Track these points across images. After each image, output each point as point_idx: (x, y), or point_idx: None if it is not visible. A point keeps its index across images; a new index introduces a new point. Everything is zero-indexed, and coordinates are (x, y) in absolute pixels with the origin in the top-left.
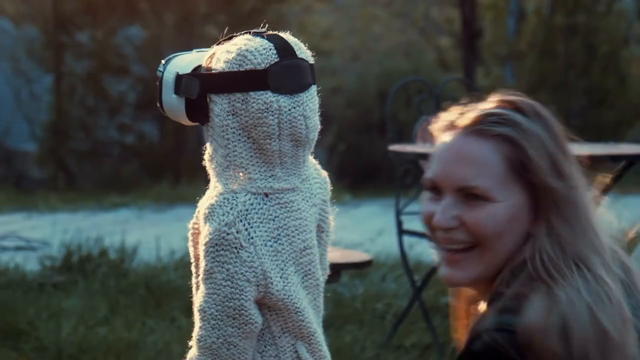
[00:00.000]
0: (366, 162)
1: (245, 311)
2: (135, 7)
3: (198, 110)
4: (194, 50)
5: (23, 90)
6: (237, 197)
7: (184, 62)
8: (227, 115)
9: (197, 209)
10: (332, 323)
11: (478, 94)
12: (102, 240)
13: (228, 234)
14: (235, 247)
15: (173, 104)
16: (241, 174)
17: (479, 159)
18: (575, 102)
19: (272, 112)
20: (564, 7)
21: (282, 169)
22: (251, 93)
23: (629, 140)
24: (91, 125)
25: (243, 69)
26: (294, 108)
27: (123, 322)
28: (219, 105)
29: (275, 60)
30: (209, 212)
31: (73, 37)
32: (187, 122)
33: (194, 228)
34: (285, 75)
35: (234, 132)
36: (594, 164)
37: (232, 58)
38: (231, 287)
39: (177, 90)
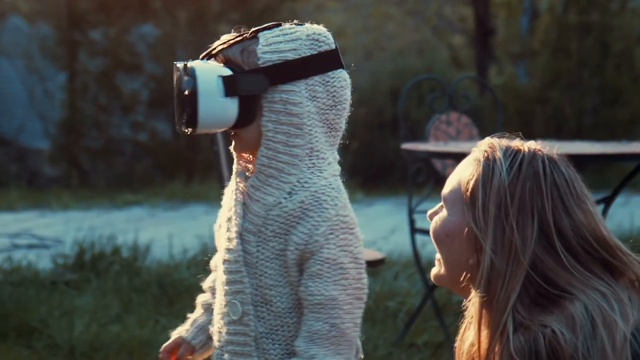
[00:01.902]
0: (379, 160)
1: (366, 289)
2: (149, 5)
3: (252, 108)
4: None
5: (36, 88)
6: (332, 182)
7: (211, 66)
8: (307, 101)
9: (256, 213)
10: None
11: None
12: (114, 238)
13: (345, 217)
14: (352, 228)
15: (217, 110)
16: (320, 159)
17: (457, 171)
18: (588, 101)
19: (349, 88)
20: (577, 5)
21: (335, 152)
22: (329, 73)
23: None
24: (104, 123)
25: (317, 52)
26: (350, 85)
27: (136, 320)
28: (296, 93)
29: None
30: (314, 202)
31: (86, 35)
32: (228, 127)
33: (260, 232)
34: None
35: (312, 117)
36: (607, 162)
37: (302, 44)
38: (356, 269)
39: (232, 91)
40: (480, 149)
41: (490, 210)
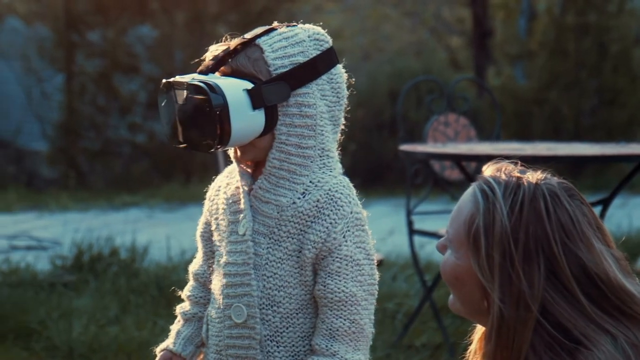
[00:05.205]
0: (377, 161)
1: (377, 285)
2: (146, 6)
3: (273, 116)
4: (192, 75)
5: (34, 89)
6: (343, 180)
7: (232, 81)
8: (319, 101)
9: (267, 214)
10: None
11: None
12: (112, 240)
13: (358, 213)
14: (364, 225)
15: (247, 123)
16: (329, 158)
17: (459, 208)
18: (586, 102)
19: (345, 82)
20: (575, 7)
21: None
22: (332, 71)
23: None
24: (102, 125)
25: (320, 51)
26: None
27: (134, 322)
28: (310, 95)
29: None
30: (329, 200)
31: (84, 36)
32: (253, 139)
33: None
34: None
35: (322, 117)
36: (605, 164)
37: (307, 46)
38: (369, 265)
39: (259, 103)
40: (480, 182)
41: (495, 259)
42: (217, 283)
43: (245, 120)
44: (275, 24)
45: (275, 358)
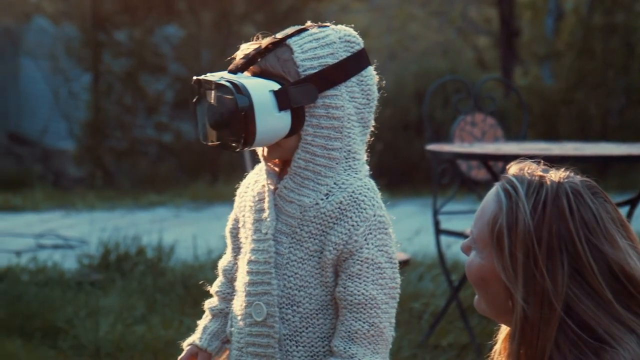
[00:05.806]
0: (403, 161)
1: (399, 289)
2: (173, 6)
3: (299, 117)
4: (221, 74)
5: (61, 88)
6: (368, 182)
7: (259, 81)
8: (347, 104)
9: (291, 214)
10: None
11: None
12: (139, 239)
13: (381, 217)
14: (387, 228)
15: (273, 124)
16: (355, 160)
17: (483, 208)
18: (614, 102)
19: (377, 84)
20: (602, 6)
21: (364, 151)
22: (362, 73)
23: None
24: (129, 124)
25: (351, 53)
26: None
27: (160, 321)
28: (338, 97)
29: None
30: (352, 202)
31: (111, 35)
32: (280, 140)
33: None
34: None
35: (349, 119)
36: (633, 164)
37: (338, 48)
38: (391, 268)
39: (286, 105)
40: (503, 182)
41: (518, 258)
42: (240, 280)
43: (271, 121)
44: (308, 23)
45: (294, 357)
